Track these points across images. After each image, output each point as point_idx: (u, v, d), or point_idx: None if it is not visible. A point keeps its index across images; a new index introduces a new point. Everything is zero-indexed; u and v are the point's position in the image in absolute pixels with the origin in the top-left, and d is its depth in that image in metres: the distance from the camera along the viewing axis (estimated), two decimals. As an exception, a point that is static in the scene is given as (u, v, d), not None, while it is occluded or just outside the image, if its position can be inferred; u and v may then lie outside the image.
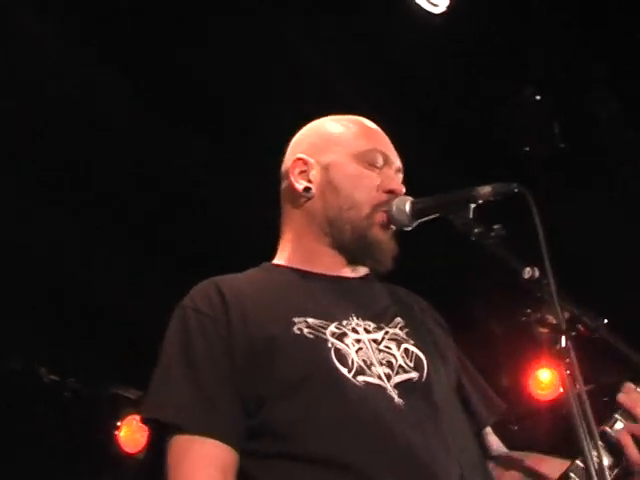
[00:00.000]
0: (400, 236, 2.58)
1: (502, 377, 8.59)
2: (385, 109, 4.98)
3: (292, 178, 2.59)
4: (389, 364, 2.29)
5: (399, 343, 2.38)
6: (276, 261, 2.60)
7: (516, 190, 2.23)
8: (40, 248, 6.28)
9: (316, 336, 2.26)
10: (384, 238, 2.50)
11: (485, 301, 7.04)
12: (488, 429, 2.59)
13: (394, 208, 2.48)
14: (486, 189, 2.29)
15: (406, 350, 2.37)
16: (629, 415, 2.22)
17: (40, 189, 5.82)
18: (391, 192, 2.52)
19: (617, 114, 5.51)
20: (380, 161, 2.57)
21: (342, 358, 2.24)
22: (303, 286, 2.46)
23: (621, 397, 2.25)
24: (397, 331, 2.41)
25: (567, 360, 1.96)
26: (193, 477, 2.11)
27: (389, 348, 2.34)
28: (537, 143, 5.37)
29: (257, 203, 4.05)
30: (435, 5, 4.66)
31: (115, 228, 6.36)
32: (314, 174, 2.57)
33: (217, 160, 5.64)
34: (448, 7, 4.64)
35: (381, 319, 2.42)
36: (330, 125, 2.68)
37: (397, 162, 2.64)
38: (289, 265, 2.54)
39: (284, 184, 2.65)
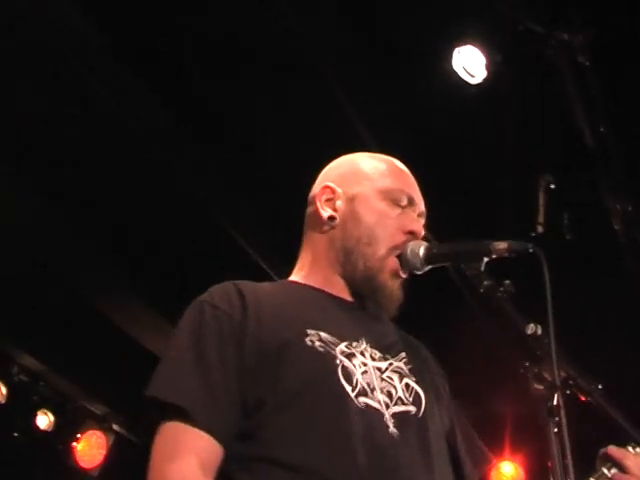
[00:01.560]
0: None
1: (464, 464, 8.53)
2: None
3: (318, 204, 2.64)
4: (389, 394, 2.31)
5: (401, 377, 2.40)
6: (293, 278, 2.65)
7: (531, 250, 2.26)
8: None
9: (326, 350, 2.29)
10: (392, 285, 2.52)
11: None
12: None
13: (409, 250, 2.51)
14: (502, 245, 2.32)
15: (407, 385, 2.39)
16: (617, 466, 2.28)
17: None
18: (411, 233, 2.55)
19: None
20: (405, 201, 2.60)
21: (348, 376, 2.26)
22: (319, 303, 2.49)
23: (611, 449, 2.31)
24: (401, 365, 2.44)
25: (557, 418, 1.99)
26: (177, 471, 2.11)
27: (391, 379, 2.36)
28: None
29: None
30: (472, 76, 4.76)
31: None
32: (339, 204, 2.61)
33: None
34: (485, 79, 4.74)
35: (387, 350, 2.44)
36: (361, 159, 2.74)
37: (421, 206, 2.67)
38: (306, 283, 2.58)
39: (310, 209, 2.70)
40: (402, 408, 2.32)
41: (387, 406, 2.29)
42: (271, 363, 2.23)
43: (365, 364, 2.34)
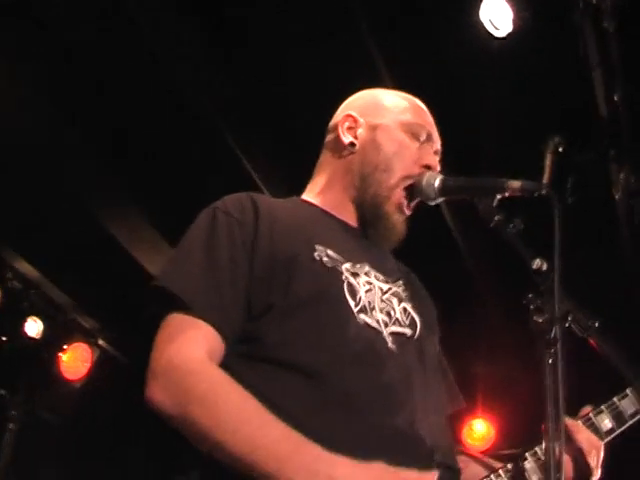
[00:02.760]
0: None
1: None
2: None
3: (340, 130, 2.72)
4: (388, 314, 2.39)
5: (400, 300, 2.48)
6: (305, 197, 2.72)
7: (543, 192, 2.31)
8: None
9: (333, 266, 2.36)
10: (396, 219, 2.62)
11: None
12: None
13: (424, 180, 2.59)
14: (516, 184, 2.37)
15: (404, 309, 2.47)
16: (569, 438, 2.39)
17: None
18: (426, 167, 2.64)
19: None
20: (424, 136, 2.69)
21: (352, 292, 2.34)
22: (328, 224, 2.57)
23: (567, 422, 2.42)
24: (399, 290, 2.52)
25: (553, 350, 2.05)
26: (183, 351, 2.15)
27: (390, 301, 2.44)
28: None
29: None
30: (497, 29, 4.78)
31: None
32: (361, 132, 2.69)
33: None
34: (509, 33, 4.75)
35: (388, 275, 2.52)
36: (385, 94, 2.83)
37: (438, 144, 2.75)
38: (317, 204, 2.66)
39: (331, 136, 2.78)
40: (399, 329, 2.40)
41: (386, 325, 2.37)
42: (280, 272, 2.29)
43: (370, 283, 2.42)
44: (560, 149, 5.43)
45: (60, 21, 5.36)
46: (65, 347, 8.29)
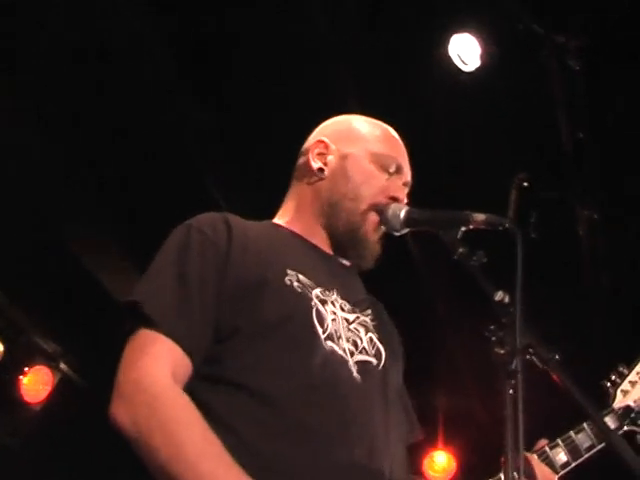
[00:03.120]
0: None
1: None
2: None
3: (310, 156, 2.74)
4: (354, 343, 2.41)
5: (367, 330, 2.50)
6: (277, 221, 2.73)
7: (506, 225, 2.34)
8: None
9: (303, 292, 2.38)
10: (372, 238, 2.64)
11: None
12: None
13: (390, 211, 2.62)
14: (480, 217, 2.40)
15: (370, 338, 2.49)
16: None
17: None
18: (393, 199, 2.67)
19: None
20: (393, 168, 2.72)
21: (320, 318, 2.35)
22: (301, 248, 2.59)
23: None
24: (367, 320, 2.54)
25: (513, 382, 2.07)
26: (150, 372, 2.14)
27: (357, 331, 2.46)
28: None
29: None
30: (465, 64, 4.84)
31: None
32: (331, 159, 2.72)
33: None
34: (477, 68, 4.81)
35: (356, 305, 2.55)
36: (359, 121, 2.86)
37: (408, 176, 2.79)
38: (289, 228, 2.67)
39: (301, 160, 2.81)
40: (365, 358, 2.42)
41: (352, 354, 2.38)
42: (250, 295, 2.30)
43: (334, 313, 2.43)
44: (525, 184, 5.48)
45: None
46: (26, 370, 8.21)
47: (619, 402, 2.80)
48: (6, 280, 7.45)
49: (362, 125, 2.82)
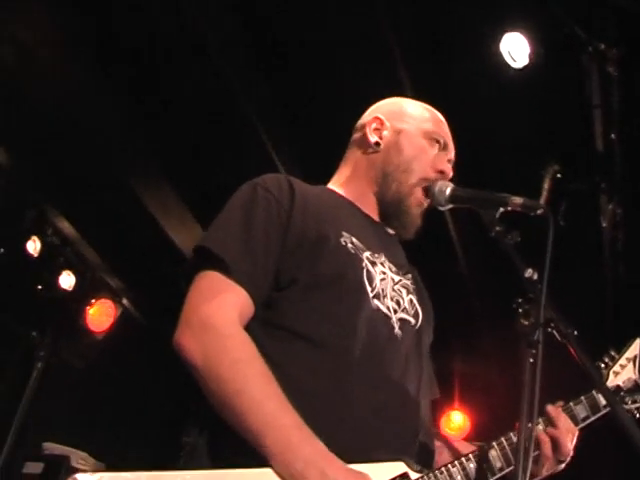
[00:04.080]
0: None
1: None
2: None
3: (367, 130, 2.76)
4: (397, 302, 2.44)
5: (408, 292, 2.53)
6: (331, 186, 2.75)
7: (541, 211, 2.36)
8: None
9: (356, 253, 2.40)
10: (415, 212, 2.66)
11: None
12: None
13: (437, 187, 2.63)
14: (518, 200, 2.41)
15: (411, 300, 2.52)
16: (551, 422, 2.45)
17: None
18: (441, 172, 2.69)
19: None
20: (441, 145, 2.75)
21: (370, 278, 2.39)
22: (353, 214, 2.61)
23: (548, 407, 2.48)
24: (408, 283, 2.57)
25: (534, 351, 2.09)
26: (221, 312, 2.17)
27: (400, 292, 2.48)
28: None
29: None
30: (515, 60, 4.82)
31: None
32: (386, 134, 2.73)
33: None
34: (525, 66, 4.80)
35: (399, 268, 2.57)
36: (410, 103, 2.87)
37: (452, 153, 2.80)
38: (342, 194, 2.69)
39: (357, 134, 2.82)
40: (405, 316, 2.45)
41: (395, 311, 2.42)
42: (309, 250, 2.33)
43: (384, 272, 2.46)
44: (558, 175, 5.47)
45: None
46: (93, 301, 8.33)
47: (611, 382, 2.87)
48: (80, 220, 7.57)
49: (414, 106, 2.84)
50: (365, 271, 2.38)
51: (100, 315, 8.38)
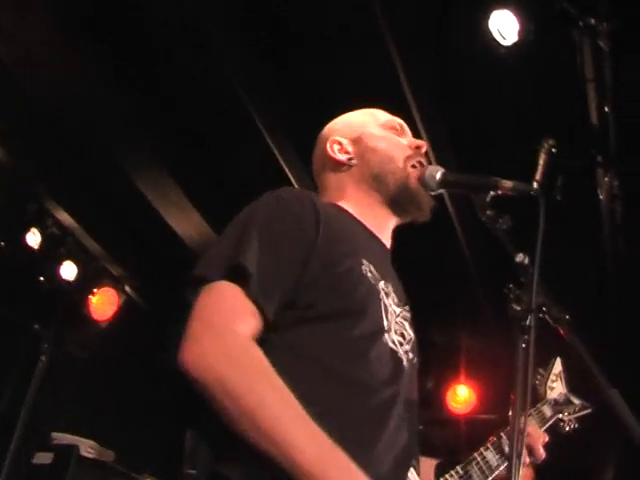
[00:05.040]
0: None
1: (428, 380, 8.78)
2: (428, 112, 5.31)
3: (331, 155, 2.69)
4: (402, 335, 2.35)
5: (409, 324, 2.44)
6: (343, 205, 2.60)
7: (532, 193, 2.34)
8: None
9: (375, 283, 2.31)
10: (421, 191, 2.59)
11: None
12: None
13: (427, 172, 2.58)
14: (509, 183, 2.37)
15: (410, 334, 2.43)
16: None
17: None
18: (417, 148, 2.67)
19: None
20: (398, 127, 2.73)
21: (386, 311, 2.31)
22: (365, 236, 2.53)
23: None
24: (408, 315, 2.47)
25: (526, 336, 2.08)
26: (230, 322, 2.03)
27: (403, 324, 2.39)
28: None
29: None
30: (504, 38, 4.80)
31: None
32: (350, 148, 2.67)
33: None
34: (514, 43, 4.77)
35: (400, 299, 2.46)
36: (347, 115, 2.82)
37: (410, 135, 2.77)
38: (353, 214, 2.58)
39: (322, 165, 2.74)
40: (409, 350, 2.37)
41: (401, 344, 2.33)
42: (331, 276, 2.20)
43: (391, 305, 2.37)
44: (553, 150, 5.45)
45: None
46: (95, 291, 8.35)
47: (548, 396, 3.15)
48: (80, 210, 7.58)
49: (354, 114, 2.80)
50: (382, 304, 2.30)
51: (103, 304, 8.42)
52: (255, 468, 1.93)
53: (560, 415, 3.24)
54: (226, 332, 2.00)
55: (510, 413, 2.01)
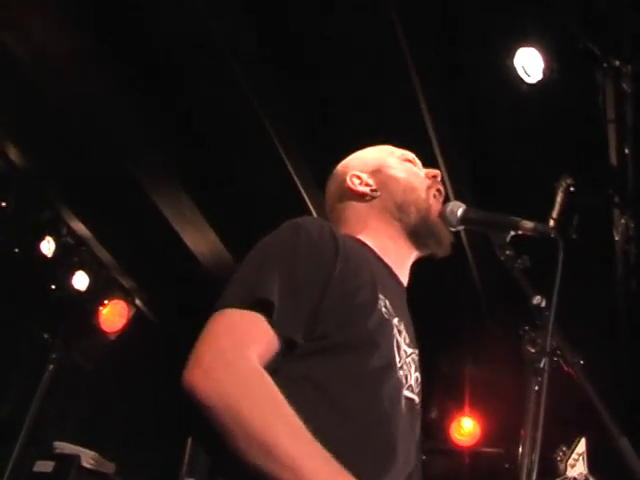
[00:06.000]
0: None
1: (432, 411, 8.77)
2: (448, 145, 5.34)
3: (353, 188, 2.66)
4: (405, 378, 2.30)
5: (416, 368, 2.40)
6: (362, 239, 2.58)
7: (552, 235, 2.33)
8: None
9: (389, 319, 2.28)
10: (441, 224, 2.58)
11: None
12: None
13: (448, 208, 2.57)
14: (529, 224, 2.38)
15: (417, 378, 2.39)
16: None
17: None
18: (434, 177, 2.66)
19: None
20: (412, 161, 2.73)
21: (398, 348, 2.28)
22: (382, 270, 2.49)
23: None
24: (416, 358, 2.43)
25: (540, 379, 2.08)
26: (237, 344, 1.99)
27: (409, 367, 2.35)
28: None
29: None
30: (529, 75, 4.82)
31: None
32: (370, 181, 2.65)
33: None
34: (539, 81, 4.80)
35: (412, 339, 2.43)
36: (361, 152, 2.81)
37: (421, 166, 2.76)
38: (371, 246, 2.55)
39: (341, 198, 2.71)
40: (410, 395, 2.32)
41: (409, 385, 2.31)
42: (347, 309, 2.17)
43: (402, 342, 2.33)
44: (571, 189, 5.46)
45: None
46: (106, 302, 8.37)
47: (569, 472, 3.12)
48: (94, 221, 7.61)
49: (367, 151, 2.79)
50: (395, 340, 2.27)
51: (113, 315, 8.43)
52: None
53: None
54: (233, 354, 1.96)
55: (520, 449, 2.02)
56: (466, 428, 8.96)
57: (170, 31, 5.53)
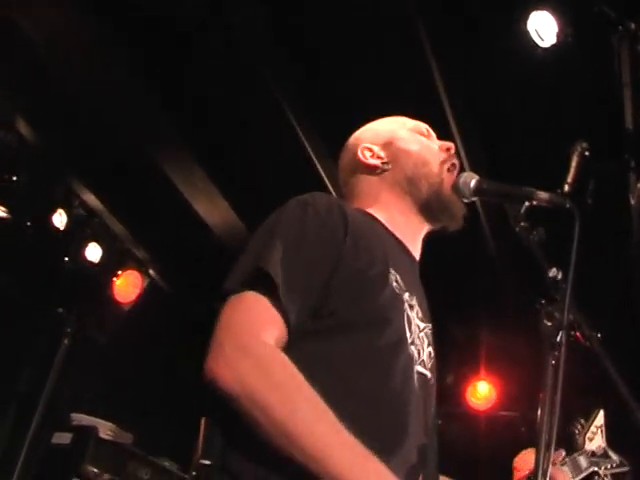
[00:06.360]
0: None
1: (448, 376, 8.79)
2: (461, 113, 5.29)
3: (364, 161, 2.64)
4: (418, 352, 2.29)
5: (429, 343, 2.38)
6: (370, 210, 2.57)
7: (567, 206, 2.30)
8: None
9: (400, 293, 2.26)
10: (454, 197, 2.56)
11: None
12: None
13: (461, 179, 2.55)
14: (544, 195, 2.35)
15: (430, 353, 2.37)
16: None
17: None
18: (448, 149, 2.64)
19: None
20: (425, 131, 2.70)
21: (409, 324, 2.26)
22: (393, 244, 2.47)
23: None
24: (429, 332, 2.41)
25: (557, 353, 2.06)
26: (256, 331, 1.98)
27: (422, 341, 2.33)
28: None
29: None
30: (542, 39, 4.77)
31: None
32: (382, 153, 2.63)
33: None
34: (553, 45, 4.74)
35: (425, 314, 2.42)
36: (374, 124, 2.78)
37: (436, 138, 2.73)
38: (382, 221, 2.53)
39: (358, 172, 2.68)
40: (422, 370, 2.30)
41: (422, 360, 2.30)
42: (358, 285, 2.16)
43: (414, 318, 2.32)
44: (586, 153, 5.41)
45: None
46: (119, 273, 8.38)
47: (587, 446, 3.16)
48: (106, 192, 7.61)
49: (380, 122, 2.76)
50: (406, 315, 2.25)
51: (127, 286, 8.44)
52: (265, 467, 1.92)
53: (596, 468, 3.23)
54: (252, 342, 1.97)
55: (539, 412, 2.00)
56: (482, 392, 8.99)
57: (184, 13, 5.51)
